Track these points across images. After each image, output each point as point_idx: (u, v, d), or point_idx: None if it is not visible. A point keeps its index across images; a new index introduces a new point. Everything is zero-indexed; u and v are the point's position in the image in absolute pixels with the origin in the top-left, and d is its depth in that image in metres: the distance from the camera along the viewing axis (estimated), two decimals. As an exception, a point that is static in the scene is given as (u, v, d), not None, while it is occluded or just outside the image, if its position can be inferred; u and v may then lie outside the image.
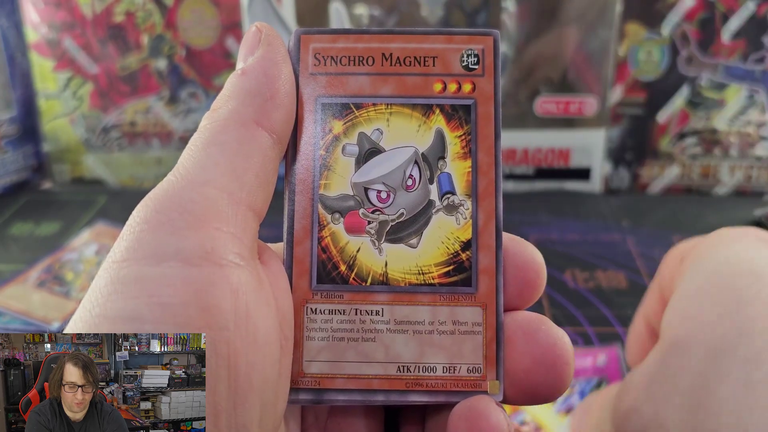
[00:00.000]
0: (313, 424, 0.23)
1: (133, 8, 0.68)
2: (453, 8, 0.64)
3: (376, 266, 0.21)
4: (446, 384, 0.21)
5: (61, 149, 0.73)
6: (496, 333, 0.21)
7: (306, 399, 0.21)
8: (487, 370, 0.21)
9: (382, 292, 0.21)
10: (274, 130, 0.20)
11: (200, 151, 0.20)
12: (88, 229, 0.63)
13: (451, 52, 0.22)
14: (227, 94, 0.21)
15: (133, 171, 0.73)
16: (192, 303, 0.17)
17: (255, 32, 0.22)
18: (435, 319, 0.21)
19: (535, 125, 0.67)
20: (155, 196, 0.19)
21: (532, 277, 0.21)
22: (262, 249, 0.21)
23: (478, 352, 0.21)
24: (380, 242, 0.22)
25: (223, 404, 0.17)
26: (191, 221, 0.18)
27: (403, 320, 0.21)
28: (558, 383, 0.20)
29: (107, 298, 0.17)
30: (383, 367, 0.21)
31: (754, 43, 0.63)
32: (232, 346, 0.18)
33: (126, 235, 0.18)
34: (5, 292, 0.54)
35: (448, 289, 0.21)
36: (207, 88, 0.71)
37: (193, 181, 0.19)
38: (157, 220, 0.18)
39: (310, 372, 0.21)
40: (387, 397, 0.21)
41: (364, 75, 0.22)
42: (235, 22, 0.69)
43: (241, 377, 0.18)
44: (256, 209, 0.20)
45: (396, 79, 0.22)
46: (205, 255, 0.18)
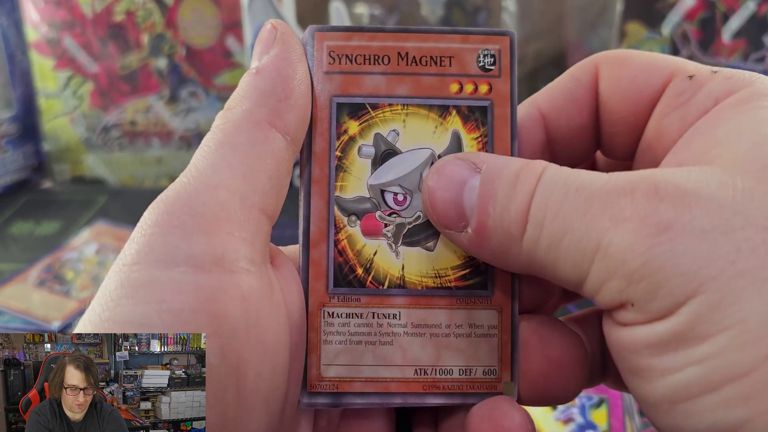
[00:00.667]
0: (325, 427, 0.22)
1: (134, 7, 0.68)
2: (453, 7, 0.64)
3: (393, 269, 0.21)
4: (462, 386, 0.21)
5: (61, 148, 0.73)
6: (512, 336, 0.21)
7: (324, 403, 0.21)
8: (503, 372, 0.21)
9: (399, 295, 0.21)
10: (288, 131, 0.20)
11: (213, 152, 0.19)
12: (88, 229, 0.63)
13: (467, 52, 0.22)
14: (241, 93, 0.20)
15: (134, 170, 0.73)
16: (202, 310, 0.17)
17: (270, 30, 0.21)
18: (451, 323, 0.21)
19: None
20: (167, 198, 0.18)
21: (547, 281, 0.21)
22: (274, 253, 0.21)
23: (494, 354, 0.21)
24: (397, 245, 0.21)
25: (230, 413, 0.17)
26: (203, 225, 0.18)
27: (420, 323, 0.21)
28: (572, 386, 0.20)
29: (117, 302, 0.17)
30: (401, 370, 0.21)
31: (755, 42, 0.63)
32: (242, 355, 0.17)
33: (137, 238, 0.18)
34: (5, 292, 0.54)
35: (465, 292, 0.21)
36: (207, 87, 0.71)
37: (206, 183, 0.19)
38: (168, 224, 0.18)
39: (328, 376, 0.21)
40: (405, 400, 0.21)
41: (379, 74, 0.22)
42: (236, 21, 0.69)
43: (249, 386, 0.18)
44: (268, 212, 0.19)
45: (412, 78, 0.22)
46: (216, 260, 0.18)
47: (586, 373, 0.21)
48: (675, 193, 0.16)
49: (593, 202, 0.17)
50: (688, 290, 0.16)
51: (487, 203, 0.19)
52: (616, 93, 0.22)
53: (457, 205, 0.19)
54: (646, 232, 0.16)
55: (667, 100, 0.21)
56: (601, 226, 0.17)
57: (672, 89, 0.21)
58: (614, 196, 0.17)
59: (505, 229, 0.18)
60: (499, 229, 0.19)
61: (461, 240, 0.20)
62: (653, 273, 0.16)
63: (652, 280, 0.16)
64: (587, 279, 0.17)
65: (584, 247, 0.17)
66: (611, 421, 0.40)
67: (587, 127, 0.22)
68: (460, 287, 0.21)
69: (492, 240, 0.19)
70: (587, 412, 0.40)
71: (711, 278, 0.15)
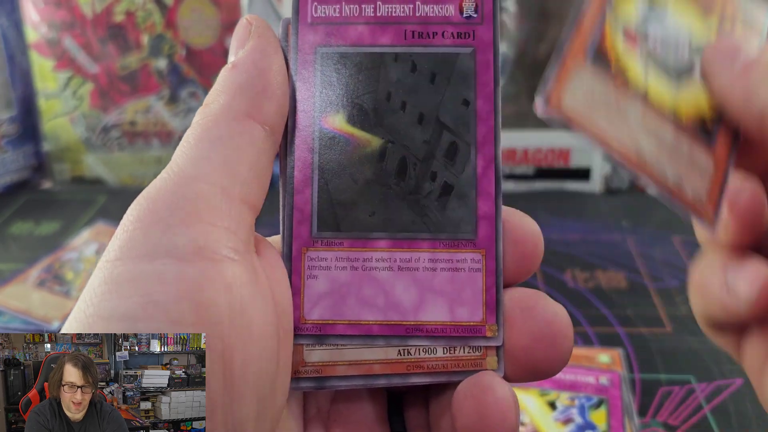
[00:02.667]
0: (315, 413, 0.23)
1: (133, 8, 0.68)
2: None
3: None
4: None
5: (61, 148, 0.73)
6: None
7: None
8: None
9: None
10: (267, 122, 0.20)
11: (192, 147, 0.20)
12: (88, 229, 0.63)
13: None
14: (219, 88, 0.21)
15: (133, 170, 0.73)
16: (185, 299, 0.17)
17: (245, 25, 0.21)
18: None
19: (535, 125, 0.67)
20: (148, 194, 0.19)
21: (531, 250, 0.21)
22: (259, 242, 0.21)
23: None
24: None
25: (218, 400, 0.17)
26: (183, 217, 0.18)
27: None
28: (558, 359, 0.20)
29: (101, 298, 0.17)
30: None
31: (755, 43, 0.63)
32: (227, 342, 0.18)
33: (119, 234, 0.18)
34: (5, 292, 0.54)
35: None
36: (207, 87, 0.71)
37: (185, 176, 0.19)
38: (149, 218, 0.18)
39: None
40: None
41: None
42: (236, 21, 0.69)
43: (236, 373, 0.18)
44: (250, 202, 0.20)
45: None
46: (198, 251, 0.18)
47: (571, 345, 0.21)
48: None
49: None
50: None
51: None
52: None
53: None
54: None
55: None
56: None
57: None
58: None
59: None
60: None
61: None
62: None
63: None
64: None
65: None
66: (611, 421, 0.40)
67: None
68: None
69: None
70: (587, 412, 0.40)
71: None
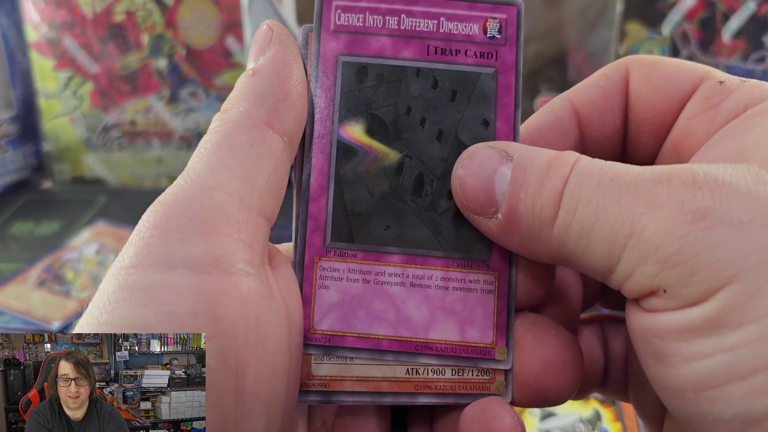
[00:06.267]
0: (320, 427, 0.22)
1: (134, 7, 0.68)
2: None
3: None
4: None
5: (61, 148, 0.73)
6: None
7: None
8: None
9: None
10: (286, 132, 0.20)
11: (211, 155, 0.19)
12: (88, 229, 0.63)
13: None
14: (238, 95, 0.20)
15: (134, 170, 0.73)
16: (200, 312, 0.17)
17: (266, 31, 0.21)
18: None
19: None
20: (165, 200, 0.18)
21: (544, 275, 0.21)
22: (273, 253, 0.21)
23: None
24: None
25: (230, 416, 0.17)
26: (201, 227, 0.18)
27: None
28: (567, 387, 0.20)
29: (115, 305, 0.17)
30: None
31: (755, 42, 0.62)
32: (241, 358, 0.17)
33: (135, 241, 0.18)
34: (5, 292, 0.54)
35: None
36: (207, 87, 0.71)
37: (203, 185, 0.18)
38: (166, 226, 0.18)
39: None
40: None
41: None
42: (236, 21, 0.69)
43: (249, 389, 0.17)
44: (266, 214, 0.19)
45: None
46: (215, 262, 0.18)
47: (581, 374, 0.21)
48: (713, 184, 0.16)
49: (628, 190, 0.17)
50: (724, 277, 0.16)
51: (519, 188, 0.19)
52: (646, 92, 0.22)
53: (487, 191, 0.19)
54: (682, 218, 0.16)
55: (697, 102, 0.21)
56: (635, 211, 0.17)
57: (702, 92, 0.21)
58: (650, 184, 0.17)
59: (536, 214, 0.18)
60: (530, 214, 0.18)
61: (489, 227, 0.20)
62: (689, 259, 0.16)
63: (687, 266, 0.16)
64: (618, 265, 0.17)
65: (617, 232, 0.17)
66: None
67: (618, 127, 0.23)
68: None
69: (522, 225, 0.19)
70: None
71: (748, 267, 0.15)
